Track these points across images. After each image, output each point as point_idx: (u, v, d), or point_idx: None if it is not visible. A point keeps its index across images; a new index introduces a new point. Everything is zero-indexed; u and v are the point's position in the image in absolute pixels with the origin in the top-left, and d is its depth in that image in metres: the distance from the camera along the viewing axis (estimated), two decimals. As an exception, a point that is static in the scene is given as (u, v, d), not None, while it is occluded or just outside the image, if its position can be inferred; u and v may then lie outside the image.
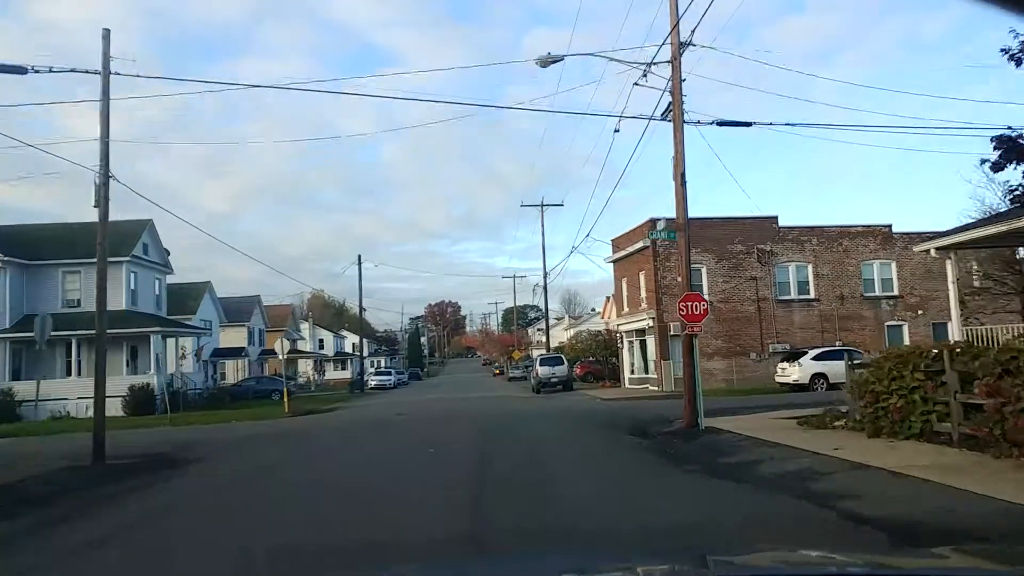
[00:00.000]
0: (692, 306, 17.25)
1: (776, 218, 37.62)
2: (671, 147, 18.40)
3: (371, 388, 63.17)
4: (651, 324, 36.74)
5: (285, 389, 33.71)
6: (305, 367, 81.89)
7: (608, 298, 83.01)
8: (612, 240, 42.01)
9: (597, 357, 53.92)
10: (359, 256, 56.19)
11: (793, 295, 37.47)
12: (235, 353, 53.43)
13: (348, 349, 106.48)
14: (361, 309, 57.14)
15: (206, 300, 51.09)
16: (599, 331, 56.39)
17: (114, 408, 34.13)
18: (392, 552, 6.65)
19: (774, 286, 37.21)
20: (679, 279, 18.98)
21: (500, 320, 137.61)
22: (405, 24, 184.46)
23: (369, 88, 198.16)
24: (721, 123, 20.09)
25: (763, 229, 37.43)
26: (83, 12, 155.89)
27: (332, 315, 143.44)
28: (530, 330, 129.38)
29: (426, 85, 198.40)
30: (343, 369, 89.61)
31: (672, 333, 35.91)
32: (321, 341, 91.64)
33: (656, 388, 36.26)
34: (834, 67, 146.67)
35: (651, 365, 37.89)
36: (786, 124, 25.47)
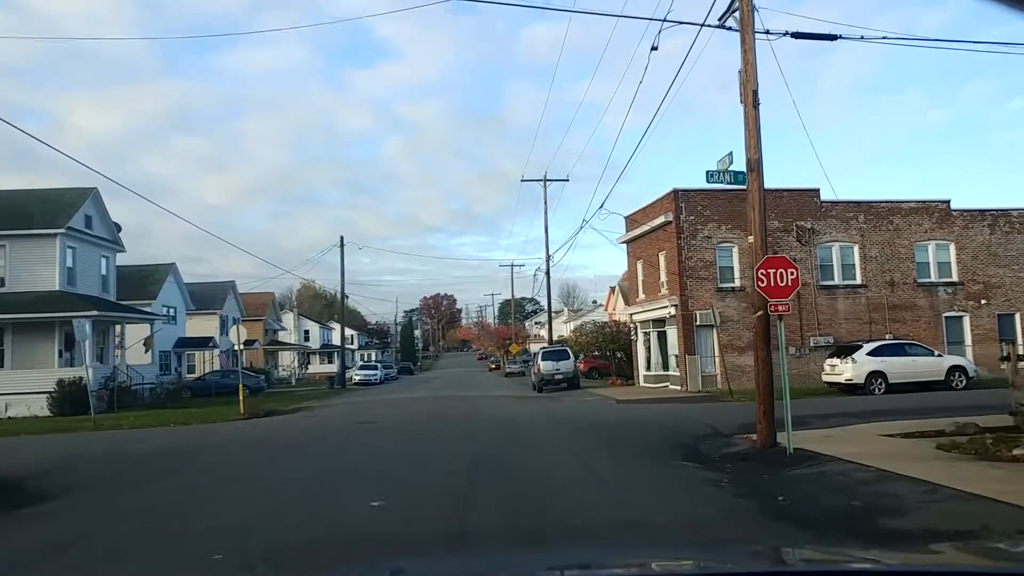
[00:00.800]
0: (776, 275, 11.82)
1: (818, 191, 32.27)
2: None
3: (355, 383, 57.87)
4: (673, 312, 31.39)
5: (240, 385, 28.29)
6: (289, 360, 76.61)
7: (612, 288, 77.61)
8: (626, 217, 36.63)
9: (603, 351, 48.69)
10: (341, 237, 50.87)
11: (837, 280, 32.14)
12: (201, 343, 47.93)
13: (336, 341, 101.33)
14: (343, 296, 51.72)
15: (169, 284, 45.63)
16: (605, 322, 51.10)
17: (39, 407, 28.88)
18: None
19: (815, 269, 31.87)
20: (750, 239, 13.60)
21: (496, 313, 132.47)
22: (402, 15, 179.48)
23: (366, 79, 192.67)
24: (797, 35, 14.78)
25: (803, 203, 32.10)
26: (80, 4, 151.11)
27: (323, 307, 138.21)
28: (527, 323, 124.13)
29: (427, 78, 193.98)
30: (329, 362, 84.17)
31: (699, 323, 30.64)
32: (307, 332, 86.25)
33: (679, 388, 30.98)
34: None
35: (672, 360, 32.58)
36: (882, 38, 19.66)
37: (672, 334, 32.18)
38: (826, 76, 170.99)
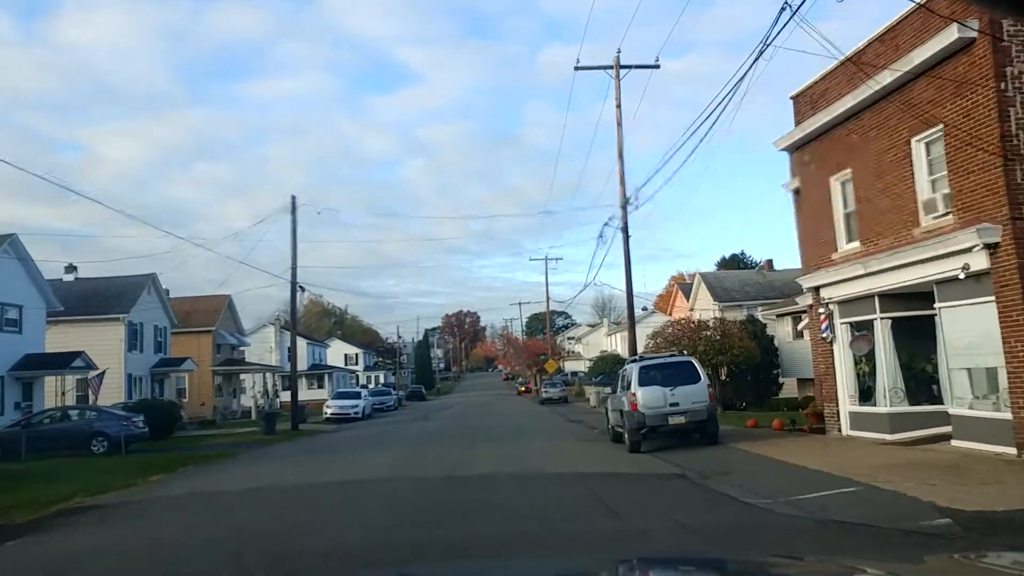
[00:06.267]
0: None
1: None
2: None
3: (329, 417, 39.36)
4: (977, 265, 12.48)
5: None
6: (265, 384, 58.01)
7: (675, 287, 58.48)
8: (796, 96, 17.89)
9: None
10: (292, 198, 32.38)
11: None
12: (58, 363, 29.21)
13: (337, 361, 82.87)
14: (294, 285, 32.68)
15: (2, 268, 27.40)
16: (702, 321, 32.09)
17: None
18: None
19: None
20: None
21: (524, 327, 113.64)
22: (420, 40, 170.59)
23: (387, 104, 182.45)
24: None
25: None
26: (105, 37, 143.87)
27: (332, 324, 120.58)
28: (558, 338, 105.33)
29: (447, 100, 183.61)
30: (320, 386, 65.85)
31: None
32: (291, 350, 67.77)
33: (994, 446, 12.10)
34: None
35: (957, 380, 13.60)
36: None
37: (965, 318, 13.18)
38: None
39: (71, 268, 37.69)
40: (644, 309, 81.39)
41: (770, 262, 44.16)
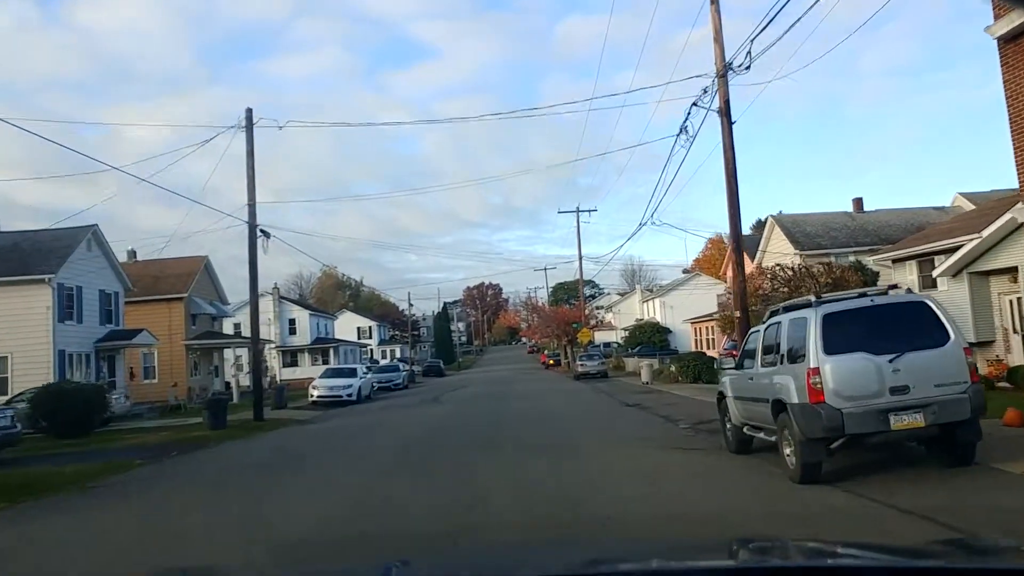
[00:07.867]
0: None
1: None
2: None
3: (316, 400, 31.40)
4: None
5: None
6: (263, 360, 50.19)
7: (725, 240, 49.87)
8: None
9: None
10: (248, 111, 23.95)
11: None
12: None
13: (348, 335, 75.09)
14: (253, 229, 23.83)
15: None
16: (808, 267, 23.65)
17: None
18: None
19: None
20: None
21: (549, 296, 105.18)
22: (438, 15, 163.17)
23: (403, 82, 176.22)
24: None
25: None
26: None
27: (347, 298, 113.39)
28: (587, 308, 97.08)
29: (463, 78, 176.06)
30: (323, 362, 58.03)
31: None
32: (292, 323, 60.18)
33: None
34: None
35: None
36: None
37: None
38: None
39: (-9, 220, 29.91)
40: (685, 271, 72.70)
41: (859, 201, 35.42)
